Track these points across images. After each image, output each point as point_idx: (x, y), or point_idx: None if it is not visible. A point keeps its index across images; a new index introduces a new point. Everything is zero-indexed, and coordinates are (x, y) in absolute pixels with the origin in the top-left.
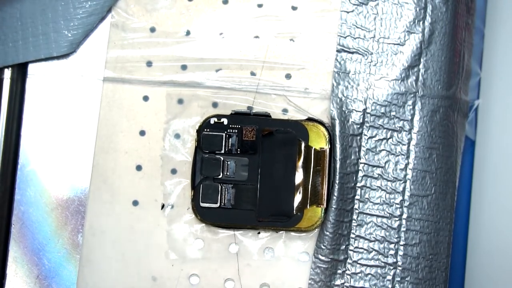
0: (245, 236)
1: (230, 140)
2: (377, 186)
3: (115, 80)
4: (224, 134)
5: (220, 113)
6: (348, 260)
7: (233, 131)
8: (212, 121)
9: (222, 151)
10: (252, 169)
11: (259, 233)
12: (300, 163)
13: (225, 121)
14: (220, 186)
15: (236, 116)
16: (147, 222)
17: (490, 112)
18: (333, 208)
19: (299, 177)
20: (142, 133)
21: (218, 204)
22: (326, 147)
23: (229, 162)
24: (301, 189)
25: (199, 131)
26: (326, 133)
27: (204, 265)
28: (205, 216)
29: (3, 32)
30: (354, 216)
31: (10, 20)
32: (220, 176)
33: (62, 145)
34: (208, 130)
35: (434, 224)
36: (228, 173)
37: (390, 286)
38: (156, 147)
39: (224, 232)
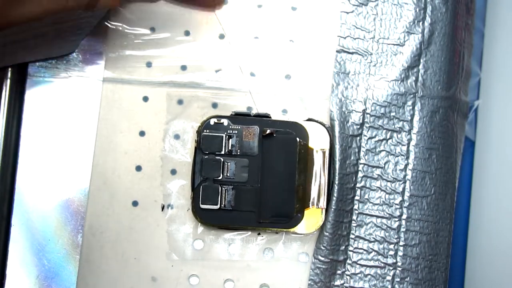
0: (245, 237)
1: (230, 141)
2: (377, 187)
3: (115, 80)
4: (224, 135)
5: (220, 113)
6: (348, 261)
7: (233, 132)
8: (212, 121)
9: (222, 152)
10: (252, 170)
11: (259, 234)
12: (300, 164)
13: (225, 122)
14: (220, 188)
15: (236, 117)
16: (147, 223)
17: (490, 112)
18: (332, 209)
19: (299, 178)
20: (142, 133)
21: (218, 206)
22: (326, 148)
23: (229, 163)
24: (301, 190)
25: (199, 132)
26: (325, 133)
27: (203, 266)
28: (205, 218)
29: (3, 33)
30: (354, 217)
31: None
32: (220, 178)
33: (62, 146)
34: (208, 131)
35: (433, 225)
36: (228, 174)
37: (389, 286)
38: (156, 148)
39: (224, 232)
